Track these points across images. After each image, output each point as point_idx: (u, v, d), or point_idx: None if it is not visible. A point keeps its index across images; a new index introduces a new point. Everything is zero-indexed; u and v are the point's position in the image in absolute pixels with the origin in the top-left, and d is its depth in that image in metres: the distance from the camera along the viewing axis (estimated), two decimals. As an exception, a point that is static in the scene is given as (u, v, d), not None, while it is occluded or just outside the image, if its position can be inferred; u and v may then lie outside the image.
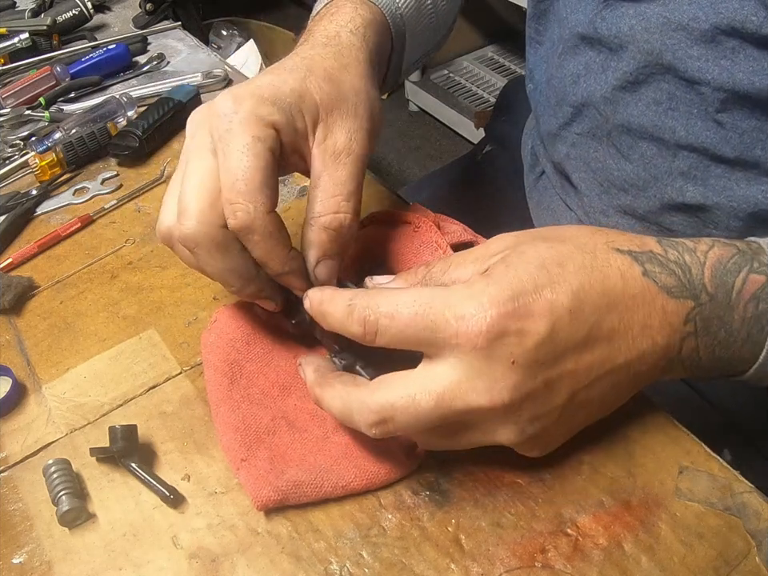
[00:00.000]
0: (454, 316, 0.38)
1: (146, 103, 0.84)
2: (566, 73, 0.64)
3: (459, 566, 0.43)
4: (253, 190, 0.43)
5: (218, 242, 0.44)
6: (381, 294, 0.41)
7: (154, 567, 0.44)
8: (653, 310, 0.41)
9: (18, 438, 0.52)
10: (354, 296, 0.41)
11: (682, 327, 0.42)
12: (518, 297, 0.38)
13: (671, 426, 0.49)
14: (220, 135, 0.44)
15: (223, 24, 2.32)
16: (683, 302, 0.41)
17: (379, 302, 0.40)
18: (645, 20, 0.55)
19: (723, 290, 0.42)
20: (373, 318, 0.40)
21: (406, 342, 0.40)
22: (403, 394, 0.39)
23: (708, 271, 0.42)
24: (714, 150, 0.56)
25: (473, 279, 0.40)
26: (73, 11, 0.98)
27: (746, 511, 0.45)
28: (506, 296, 0.38)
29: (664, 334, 0.42)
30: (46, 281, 0.64)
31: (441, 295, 0.39)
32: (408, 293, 0.40)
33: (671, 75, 0.55)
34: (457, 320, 0.38)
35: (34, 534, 0.46)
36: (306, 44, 0.54)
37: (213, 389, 0.51)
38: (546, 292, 0.39)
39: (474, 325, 0.37)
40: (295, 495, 0.45)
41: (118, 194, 0.73)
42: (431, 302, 0.39)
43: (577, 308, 0.39)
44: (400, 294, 0.40)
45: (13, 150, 0.79)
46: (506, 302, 0.38)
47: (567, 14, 0.63)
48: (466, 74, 2.52)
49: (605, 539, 0.44)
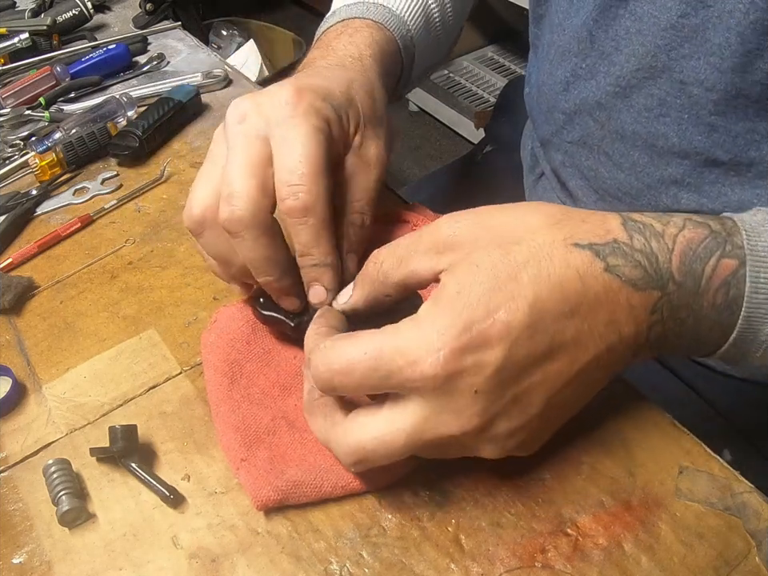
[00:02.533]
0: (406, 362, 0.37)
1: (145, 103, 0.84)
2: (555, 80, 0.65)
3: (459, 565, 0.43)
4: (316, 173, 0.45)
5: (267, 227, 0.45)
6: (333, 348, 0.40)
7: (154, 567, 0.44)
8: (617, 306, 0.39)
9: (18, 437, 0.52)
10: (313, 349, 0.41)
11: (649, 317, 0.40)
12: (471, 327, 0.37)
13: (671, 426, 0.49)
14: (279, 122, 0.46)
15: (223, 24, 2.32)
16: (649, 293, 0.40)
17: (332, 359, 0.39)
18: (638, 21, 0.55)
19: (692, 277, 0.40)
20: (327, 376, 0.40)
21: (368, 390, 0.40)
22: (374, 435, 0.40)
23: (676, 259, 0.40)
24: (707, 154, 0.56)
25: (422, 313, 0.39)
26: (73, 11, 0.98)
27: (745, 511, 0.45)
28: (458, 330, 0.37)
29: (630, 325, 0.40)
30: (45, 281, 0.64)
31: (389, 342, 0.38)
32: (358, 345, 0.39)
33: (664, 79, 0.55)
34: (410, 365, 0.37)
35: (34, 534, 0.46)
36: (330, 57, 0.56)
37: (213, 389, 0.51)
38: (500, 314, 0.37)
39: (427, 368, 0.37)
40: (295, 495, 0.45)
41: (117, 194, 0.73)
42: (381, 353, 0.38)
43: (535, 322, 0.38)
44: (351, 347, 0.39)
45: (13, 150, 0.79)
46: (459, 336, 0.37)
47: (561, 19, 0.63)
48: (465, 74, 2.52)
49: (605, 539, 0.44)
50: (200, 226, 0.48)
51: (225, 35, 2.30)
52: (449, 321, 0.37)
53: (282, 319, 0.51)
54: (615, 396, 0.51)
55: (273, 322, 0.52)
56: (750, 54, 0.50)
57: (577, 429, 0.49)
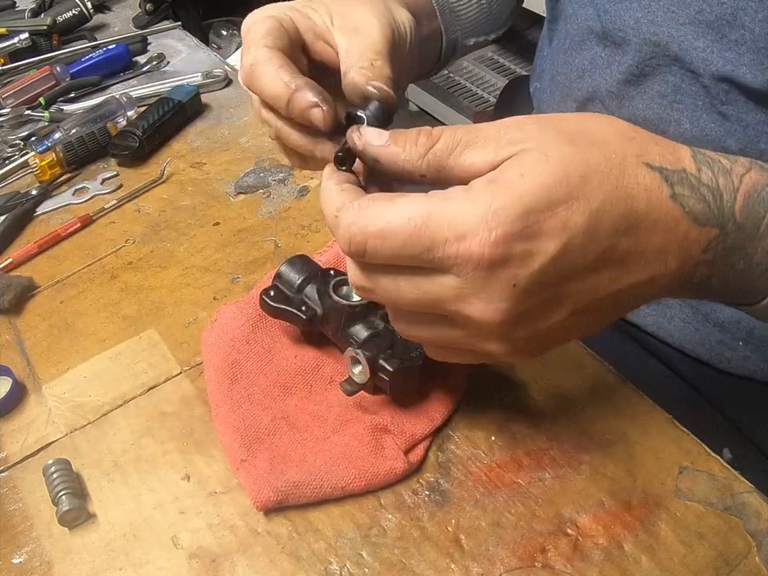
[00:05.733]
0: (454, 235, 0.34)
1: (145, 103, 0.84)
2: (571, 68, 0.65)
3: (459, 565, 0.43)
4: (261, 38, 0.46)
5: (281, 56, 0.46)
6: (370, 208, 0.36)
7: (154, 567, 0.44)
8: (672, 236, 0.38)
9: (18, 438, 0.52)
10: (342, 206, 0.37)
11: (700, 255, 0.39)
12: (529, 214, 0.34)
13: (671, 426, 0.49)
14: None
15: (223, 24, 2.32)
16: (708, 230, 0.38)
17: (368, 220, 0.36)
18: (651, 13, 0.55)
19: (752, 219, 0.39)
20: (360, 239, 0.36)
21: (398, 261, 0.36)
22: (389, 282, 0.37)
23: (741, 198, 0.38)
24: (718, 142, 0.56)
25: (478, 186, 0.35)
26: (73, 11, 0.98)
27: (745, 511, 0.45)
28: (515, 213, 0.34)
29: (678, 260, 0.38)
30: (46, 281, 0.64)
31: (439, 210, 0.35)
32: (401, 208, 0.35)
33: (677, 67, 0.55)
34: (458, 240, 0.34)
35: (34, 534, 0.46)
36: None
37: (213, 389, 0.51)
38: (561, 209, 0.34)
39: (475, 246, 0.34)
40: (295, 496, 0.45)
41: (117, 194, 0.73)
42: (428, 220, 0.34)
43: (593, 229, 0.35)
44: (392, 210, 0.35)
45: (13, 150, 0.79)
46: (514, 221, 0.34)
47: (574, 9, 0.63)
48: (465, 74, 2.52)
49: (605, 539, 0.44)
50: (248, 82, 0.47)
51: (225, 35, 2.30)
52: (507, 202, 0.34)
53: (293, 311, 0.51)
54: (615, 396, 0.51)
55: (283, 315, 0.52)
56: (762, 52, 0.50)
57: (577, 429, 0.49)
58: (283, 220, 0.68)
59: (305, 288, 0.52)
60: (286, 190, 0.72)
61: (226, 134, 0.81)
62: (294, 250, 0.64)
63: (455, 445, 0.49)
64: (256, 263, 0.64)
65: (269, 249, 0.65)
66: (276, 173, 0.74)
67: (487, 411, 0.51)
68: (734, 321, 0.63)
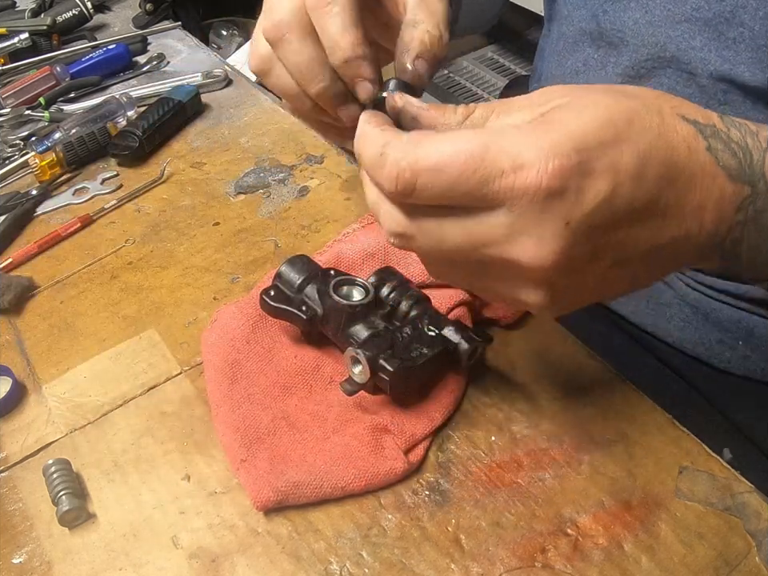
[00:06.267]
0: (511, 166, 0.33)
1: (145, 103, 0.84)
2: (564, 70, 0.65)
3: (459, 565, 0.43)
4: None
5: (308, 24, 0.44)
6: (420, 143, 0.35)
7: (154, 567, 0.44)
8: (709, 191, 0.37)
9: (18, 438, 0.52)
10: (388, 143, 0.36)
11: (733, 215, 0.38)
12: (581, 150, 0.33)
13: (671, 426, 0.49)
14: None
15: (223, 24, 2.32)
16: (741, 187, 0.38)
17: (420, 154, 0.34)
18: (648, 13, 0.55)
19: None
20: (410, 175, 0.34)
21: (448, 199, 0.35)
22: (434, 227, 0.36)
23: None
24: None
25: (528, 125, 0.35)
26: (73, 11, 0.98)
27: (745, 511, 0.45)
28: (569, 146, 0.33)
29: (714, 218, 0.38)
30: (46, 281, 0.64)
31: (496, 141, 0.34)
32: (455, 141, 0.34)
33: (673, 69, 0.55)
34: (515, 170, 0.33)
35: (34, 534, 0.46)
36: None
37: (213, 389, 0.51)
38: (610, 150, 0.34)
39: (533, 176, 0.33)
40: (295, 496, 0.45)
41: (117, 194, 0.73)
42: (485, 152, 0.33)
43: (640, 174, 0.35)
44: (446, 143, 0.34)
45: (13, 150, 0.79)
46: (570, 154, 0.33)
47: (569, 11, 0.63)
48: (465, 74, 2.52)
49: (605, 539, 0.44)
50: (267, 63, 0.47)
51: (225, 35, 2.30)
52: (561, 137, 0.33)
53: (293, 311, 0.51)
54: (615, 396, 0.51)
55: (283, 315, 0.52)
56: (761, 50, 0.50)
57: (577, 429, 0.49)
58: (283, 220, 0.68)
59: (305, 288, 0.52)
60: (285, 189, 0.72)
61: (226, 133, 0.81)
62: (294, 250, 0.64)
63: (455, 445, 0.49)
64: (256, 263, 0.64)
65: (269, 249, 0.65)
66: (276, 173, 0.74)
67: (487, 411, 0.51)
68: (733, 320, 0.63)
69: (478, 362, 0.52)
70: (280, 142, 0.79)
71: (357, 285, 0.52)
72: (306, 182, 0.73)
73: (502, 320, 0.56)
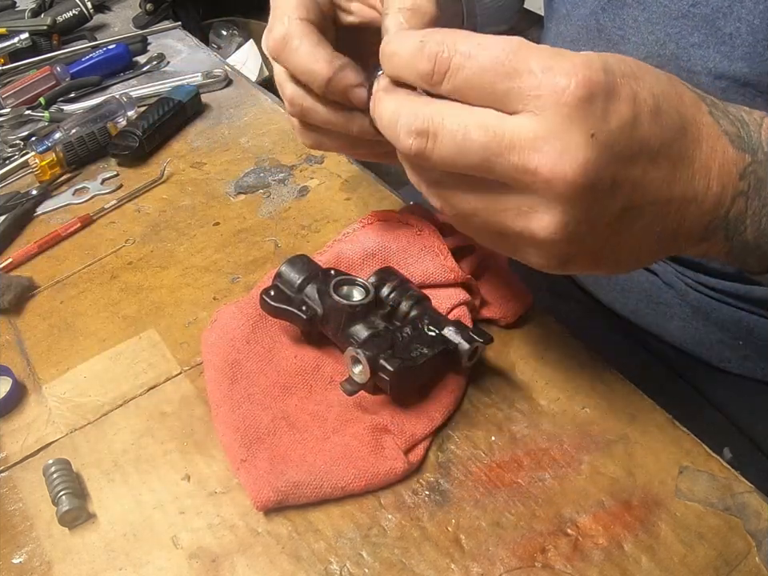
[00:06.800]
0: (540, 67, 0.34)
1: (145, 103, 0.84)
2: None
3: (459, 565, 0.43)
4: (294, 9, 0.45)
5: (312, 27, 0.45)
6: (459, 33, 0.36)
7: (154, 567, 0.44)
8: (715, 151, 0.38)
9: (18, 437, 0.52)
10: (427, 34, 0.37)
11: (737, 182, 0.39)
12: (609, 72, 0.34)
13: (671, 426, 0.49)
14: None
15: (223, 24, 2.32)
16: (742, 155, 0.39)
17: (457, 40, 0.35)
18: (647, 10, 0.55)
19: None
20: (447, 55, 0.35)
21: (477, 88, 0.35)
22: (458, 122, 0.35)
23: (765, 132, 0.40)
24: None
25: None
26: (73, 11, 0.99)
27: (745, 511, 0.45)
28: (597, 66, 0.34)
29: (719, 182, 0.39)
30: (46, 281, 0.64)
31: (529, 46, 0.35)
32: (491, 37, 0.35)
33: (672, 67, 0.55)
34: (543, 71, 0.33)
35: (34, 534, 0.46)
36: None
37: (213, 389, 0.51)
38: (631, 81, 0.35)
39: (562, 78, 0.33)
40: (295, 496, 0.45)
41: (117, 194, 0.73)
42: (517, 50, 0.34)
43: (658, 111, 0.36)
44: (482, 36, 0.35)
45: (13, 150, 0.80)
46: (598, 72, 0.34)
47: (568, 9, 0.63)
48: (466, 74, 2.52)
49: (605, 539, 0.44)
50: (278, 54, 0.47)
51: (225, 35, 2.30)
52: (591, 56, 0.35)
53: (293, 311, 0.51)
54: (615, 396, 0.51)
55: (283, 315, 0.52)
56: (760, 44, 0.50)
57: (577, 429, 0.49)
58: (283, 220, 0.68)
59: (305, 288, 0.52)
60: (285, 189, 0.72)
61: (226, 133, 0.81)
62: (294, 249, 0.64)
63: (455, 445, 0.49)
64: (256, 263, 0.64)
65: (269, 249, 0.65)
66: (276, 173, 0.74)
67: (487, 411, 0.51)
68: (733, 320, 0.63)
69: (478, 361, 0.52)
70: (280, 142, 0.79)
71: (357, 285, 0.52)
72: (306, 181, 0.73)
73: (502, 320, 0.56)
